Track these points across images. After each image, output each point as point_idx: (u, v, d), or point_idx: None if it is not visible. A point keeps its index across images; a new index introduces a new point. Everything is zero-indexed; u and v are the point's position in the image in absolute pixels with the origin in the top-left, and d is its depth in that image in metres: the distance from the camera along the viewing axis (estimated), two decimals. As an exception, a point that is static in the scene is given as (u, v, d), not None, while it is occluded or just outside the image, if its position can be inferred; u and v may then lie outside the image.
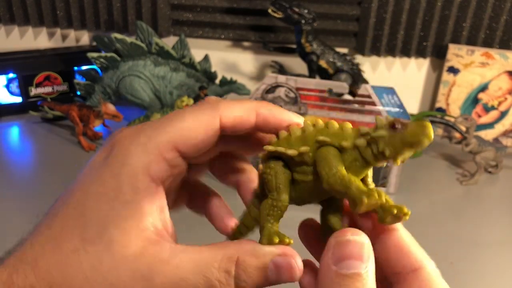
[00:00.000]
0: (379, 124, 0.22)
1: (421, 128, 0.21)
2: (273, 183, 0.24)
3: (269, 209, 0.24)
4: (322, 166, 0.23)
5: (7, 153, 0.89)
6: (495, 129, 1.00)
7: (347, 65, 0.96)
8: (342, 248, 0.21)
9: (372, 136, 0.22)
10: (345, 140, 0.23)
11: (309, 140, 0.24)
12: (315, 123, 0.25)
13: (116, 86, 0.96)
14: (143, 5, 1.02)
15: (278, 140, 0.25)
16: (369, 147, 0.23)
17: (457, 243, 0.69)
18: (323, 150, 0.23)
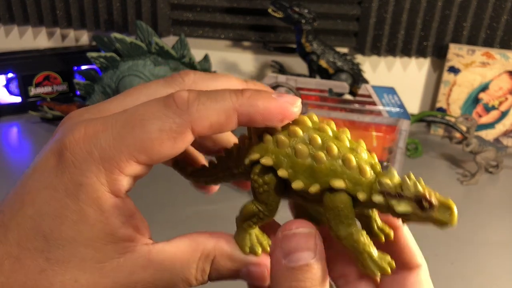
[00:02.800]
0: (406, 192, 0.20)
1: (449, 216, 0.20)
2: (263, 198, 0.22)
3: (251, 216, 0.23)
4: (335, 220, 0.21)
5: (6, 153, 0.89)
6: (495, 129, 0.99)
7: (348, 65, 0.96)
8: (289, 241, 0.20)
9: (392, 206, 0.20)
10: (362, 190, 0.21)
11: (320, 176, 0.21)
12: (326, 144, 0.21)
13: (116, 86, 0.96)
14: (143, 5, 1.02)
15: (278, 148, 0.22)
16: (384, 205, 0.21)
17: (457, 243, 0.69)
18: (336, 198, 0.21)
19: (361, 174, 0.21)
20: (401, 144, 0.75)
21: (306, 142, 0.21)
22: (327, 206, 0.21)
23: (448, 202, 0.20)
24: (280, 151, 0.22)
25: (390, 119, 0.75)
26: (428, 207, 0.20)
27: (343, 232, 0.21)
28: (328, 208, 0.21)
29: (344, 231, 0.21)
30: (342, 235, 0.21)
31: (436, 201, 0.20)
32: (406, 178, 0.20)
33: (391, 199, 0.20)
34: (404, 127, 0.74)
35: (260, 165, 0.22)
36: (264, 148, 0.22)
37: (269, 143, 0.22)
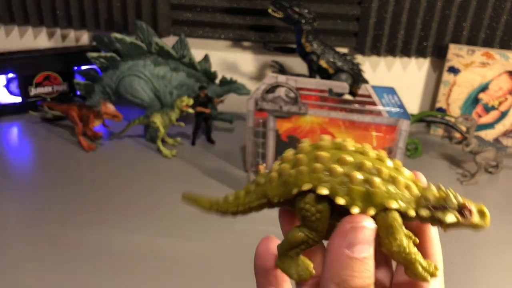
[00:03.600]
0: (450, 204, 0.22)
1: (484, 220, 0.22)
2: (315, 225, 0.23)
3: (300, 243, 0.23)
4: (386, 234, 0.22)
5: (6, 153, 0.89)
6: (495, 129, 0.99)
7: (347, 65, 0.96)
8: (357, 234, 0.21)
9: (439, 218, 0.22)
10: (411, 207, 0.22)
11: (375, 200, 0.22)
12: (376, 167, 0.23)
13: (116, 86, 0.96)
14: (143, 5, 1.02)
15: (330, 177, 0.23)
16: (429, 218, 0.23)
17: (457, 243, 0.69)
18: (389, 216, 0.22)
19: (409, 192, 0.23)
20: (401, 144, 0.75)
21: (357, 168, 0.23)
22: (380, 225, 0.22)
23: (483, 208, 0.23)
24: (335, 179, 0.22)
25: (390, 119, 0.75)
26: (469, 215, 0.22)
27: (396, 248, 0.22)
28: (382, 227, 0.22)
29: (396, 247, 0.22)
30: (395, 250, 0.22)
31: (475, 208, 0.22)
32: (449, 191, 0.23)
33: (437, 212, 0.22)
34: (404, 127, 0.74)
35: (313, 195, 0.23)
36: (316, 178, 0.23)
37: (320, 172, 0.23)
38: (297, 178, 0.23)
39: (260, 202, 0.25)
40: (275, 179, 0.25)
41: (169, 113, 0.89)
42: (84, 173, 0.84)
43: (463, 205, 0.22)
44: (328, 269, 0.21)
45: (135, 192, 0.78)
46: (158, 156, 0.89)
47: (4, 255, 0.63)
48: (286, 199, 0.24)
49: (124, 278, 0.60)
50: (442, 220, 0.22)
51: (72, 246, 0.65)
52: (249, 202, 0.26)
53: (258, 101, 0.78)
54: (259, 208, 0.26)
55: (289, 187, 0.24)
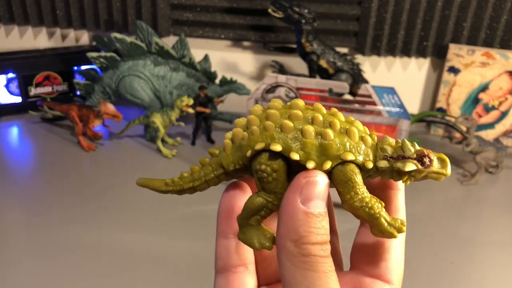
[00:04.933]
0: (407, 152, 0.22)
1: (445, 168, 0.22)
2: (272, 187, 0.22)
3: (259, 209, 0.22)
4: (347, 189, 0.22)
5: (6, 153, 0.89)
6: (495, 129, 0.99)
7: (347, 65, 0.96)
8: (312, 188, 0.21)
9: (398, 167, 0.22)
10: (369, 159, 0.22)
11: (331, 152, 0.21)
12: (328, 120, 0.22)
13: (116, 86, 0.96)
14: (143, 5, 1.02)
15: (283, 133, 0.22)
16: (389, 170, 0.22)
17: (457, 243, 0.69)
18: (347, 169, 0.21)
19: (364, 144, 0.22)
20: (401, 144, 0.75)
21: (309, 122, 0.22)
22: (339, 180, 0.22)
23: (442, 156, 0.22)
24: (287, 135, 0.22)
25: (390, 119, 0.75)
26: (429, 163, 0.22)
27: (358, 203, 0.21)
28: (341, 182, 0.22)
29: (358, 201, 0.21)
30: (357, 205, 0.22)
31: (434, 156, 0.22)
32: (404, 141, 0.22)
33: (396, 162, 0.22)
34: (404, 127, 0.74)
35: (266, 154, 0.22)
36: (268, 135, 0.22)
37: (272, 130, 0.22)
38: (249, 140, 0.22)
39: (216, 173, 0.24)
40: (229, 146, 0.24)
41: (169, 113, 0.89)
42: (84, 173, 0.84)
43: (421, 152, 0.22)
44: (284, 226, 0.21)
45: (135, 192, 0.78)
46: (158, 156, 0.89)
47: (4, 254, 0.63)
48: (242, 165, 0.23)
49: (124, 277, 0.60)
50: (402, 170, 0.21)
51: (72, 245, 0.65)
52: (204, 175, 0.25)
53: (258, 101, 0.78)
54: (216, 180, 0.25)
55: (242, 150, 0.23)
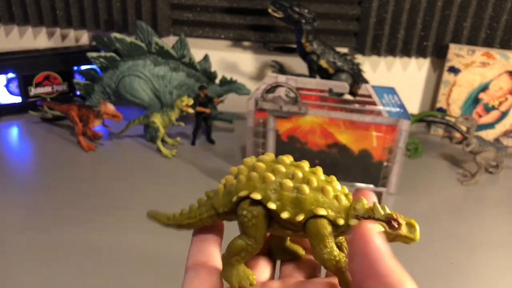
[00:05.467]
0: (377, 215, 0.23)
1: (413, 233, 0.23)
2: (252, 232, 0.24)
3: (240, 251, 0.25)
4: (317, 242, 0.23)
5: (6, 153, 0.89)
6: (495, 129, 0.99)
7: (348, 65, 0.96)
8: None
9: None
10: (341, 217, 0.24)
11: (304, 206, 0.24)
12: (307, 177, 0.24)
13: (115, 86, 0.96)
14: (143, 4, 1.02)
15: (264, 184, 0.24)
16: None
17: (457, 243, 0.69)
18: (318, 223, 0.23)
19: (338, 202, 0.24)
20: (401, 144, 0.75)
21: (289, 177, 0.24)
22: (311, 232, 0.24)
23: (412, 221, 0.23)
24: (268, 186, 0.24)
25: (390, 119, 0.75)
26: (397, 226, 0.23)
27: (327, 255, 0.23)
28: (313, 234, 0.23)
29: (327, 254, 0.23)
30: (326, 257, 0.23)
31: (403, 220, 0.23)
32: (376, 203, 0.23)
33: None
34: (404, 127, 0.74)
35: (249, 200, 0.24)
36: (252, 185, 0.24)
37: (255, 181, 0.25)
38: (236, 187, 0.25)
39: (209, 214, 0.27)
40: (221, 190, 0.27)
41: (169, 113, 0.89)
42: (84, 173, 0.84)
43: (391, 217, 0.23)
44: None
45: (135, 192, 0.78)
46: (158, 156, 0.89)
47: (4, 255, 0.63)
48: (230, 209, 0.26)
49: (124, 277, 0.60)
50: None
51: (72, 245, 0.65)
52: (199, 214, 0.28)
53: (258, 101, 0.78)
54: (208, 219, 0.27)
55: (231, 196, 0.26)
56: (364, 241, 0.21)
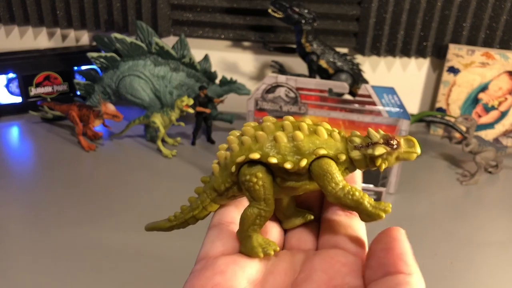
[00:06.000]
0: (374, 138, 0.24)
1: (413, 146, 0.23)
2: (261, 193, 0.24)
3: (254, 218, 0.24)
4: (327, 181, 0.23)
5: (7, 153, 0.89)
6: (495, 129, 1.00)
7: (347, 65, 0.96)
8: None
9: (370, 154, 0.23)
10: (340, 152, 0.24)
11: (303, 151, 0.23)
12: (296, 125, 0.24)
13: (116, 86, 0.96)
14: (143, 5, 1.02)
15: (258, 143, 0.24)
16: (362, 158, 0.24)
17: (457, 243, 0.69)
18: (323, 163, 0.23)
19: (334, 139, 0.24)
20: (401, 144, 0.75)
21: (280, 129, 0.24)
22: (318, 173, 0.23)
23: (408, 137, 0.24)
24: (262, 144, 0.24)
25: (390, 119, 0.75)
26: (396, 144, 0.23)
27: (340, 192, 0.23)
28: (320, 176, 0.23)
29: (341, 191, 0.23)
30: (339, 194, 0.23)
31: (401, 138, 0.23)
32: (369, 129, 0.24)
33: (366, 149, 0.24)
34: (404, 127, 0.75)
35: (247, 164, 0.24)
36: (246, 148, 0.24)
37: (248, 143, 0.24)
38: (231, 156, 0.25)
39: (211, 197, 0.27)
40: (216, 169, 0.26)
41: (169, 113, 0.89)
42: (84, 173, 0.84)
43: (387, 136, 0.23)
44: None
45: (135, 192, 0.78)
46: (158, 156, 0.89)
47: (4, 254, 0.63)
48: (231, 182, 0.25)
49: (124, 277, 0.60)
50: (373, 154, 0.23)
51: (72, 245, 0.65)
52: (201, 202, 0.27)
53: (258, 101, 0.78)
54: (212, 204, 0.27)
55: (228, 168, 0.25)
56: (393, 239, 0.22)
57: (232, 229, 0.26)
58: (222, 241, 0.25)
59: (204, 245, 0.25)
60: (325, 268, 0.23)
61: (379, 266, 0.21)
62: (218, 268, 0.23)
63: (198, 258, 0.25)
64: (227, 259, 0.24)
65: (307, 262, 0.24)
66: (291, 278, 0.24)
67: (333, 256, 0.24)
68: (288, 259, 0.25)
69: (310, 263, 0.24)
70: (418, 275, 0.21)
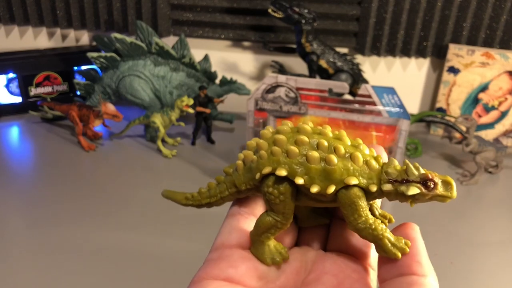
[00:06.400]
0: (411, 176, 0.22)
1: (450, 191, 0.22)
2: (280, 208, 0.23)
3: (269, 228, 0.24)
4: (350, 212, 0.22)
5: (7, 153, 0.89)
6: (495, 129, 1.00)
7: (347, 65, 0.96)
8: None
9: (402, 191, 0.22)
10: (373, 183, 0.23)
11: (334, 177, 0.22)
12: (333, 145, 0.23)
13: (116, 86, 0.96)
14: (143, 5, 1.02)
15: (288, 158, 0.23)
16: (393, 193, 0.23)
17: (457, 243, 0.69)
18: (351, 193, 0.22)
19: (369, 168, 0.23)
20: (401, 144, 0.75)
21: (315, 148, 0.23)
22: (343, 203, 0.22)
23: (448, 178, 0.22)
24: (292, 160, 0.23)
25: (390, 119, 0.75)
26: (433, 186, 0.22)
27: (362, 224, 0.22)
28: (345, 205, 0.22)
29: (362, 223, 0.22)
30: (361, 227, 0.22)
31: (438, 179, 0.22)
32: (408, 164, 0.23)
33: (400, 185, 0.22)
34: (404, 127, 0.75)
35: (273, 177, 0.23)
36: (275, 160, 0.23)
37: (278, 155, 0.23)
38: (258, 163, 0.24)
39: (230, 191, 0.26)
40: (241, 167, 0.25)
41: (169, 113, 0.89)
42: (84, 173, 0.84)
43: (425, 176, 0.22)
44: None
45: (135, 192, 0.78)
46: (158, 156, 0.89)
47: (4, 254, 0.63)
48: (253, 185, 0.25)
49: (124, 277, 0.60)
50: (405, 193, 0.22)
51: (72, 245, 0.65)
52: (220, 192, 0.27)
53: (258, 101, 0.78)
54: (230, 197, 0.26)
55: (252, 173, 0.24)
56: (408, 239, 0.22)
57: (250, 221, 0.26)
58: (239, 234, 0.25)
59: (221, 234, 0.25)
60: (336, 273, 0.23)
61: (393, 266, 0.21)
62: (234, 262, 0.24)
63: (214, 247, 0.25)
64: (242, 254, 0.24)
65: (318, 262, 0.24)
66: (302, 277, 0.24)
67: (344, 261, 0.24)
68: (300, 258, 0.25)
69: (322, 264, 0.24)
70: (433, 277, 0.21)
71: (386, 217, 0.25)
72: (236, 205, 0.27)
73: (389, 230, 0.23)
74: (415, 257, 0.21)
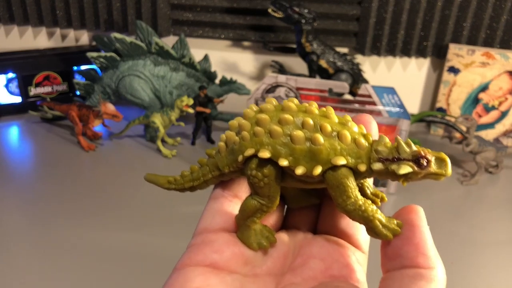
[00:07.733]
0: (403, 154, 0.21)
1: (444, 168, 0.21)
2: (265, 191, 0.22)
3: (254, 212, 0.23)
4: (339, 193, 0.21)
5: (6, 153, 0.89)
6: (495, 129, 0.99)
7: (347, 65, 0.96)
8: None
9: (393, 170, 0.21)
10: (362, 162, 0.21)
11: (320, 157, 0.21)
12: (319, 123, 0.21)
13: (115, 86, 0.96)
14: (143, 4, 1.02)
15: (272, 139, 0.22)
16: (384, 172, 0.21)
17: (457, 243, 0.69)
18: (338, 174, 0.21)
19: (357, 146, 0.21)
20: (401, 144, 0.75)
21: (299, 127, 0.21)
22: (331, 184, 0.21)
23: (441, 155, 0.21)
24: (276, 141, 0.21)
25: (390, 119, 0.75)
26: (426, 164, 0.21)
27: (351, 206, 0.21)
28: (333, 186, 0.21)
29: (351, 205, 0.21)
30: (350, 208, 0.21)
31: (431, 156, 0.21)
32: (400, 141, 0.21)
33: (391, 164, 0.21)
34: (404, 127, 0.74)
35: (256, 159, 0.22)
36: (258, 141, 0.22)
37: (261, 136, 0.22)
38: (240, 145, 0.23)
39: (214, 174, 0.25)
40: (223, 148, 0.24)
41: (169, 113, 0.89)
42: (84, 173, 0.84)
43: (419, 154, 0.20)
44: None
45: (135, 192, 0.78)
46: (158, 156, 0.89)
47: (3, 255, 0.63)
48: (236, 168, 0.24)
49: (124, 277, 0.60)
50: (395, 173, 0.21)
51: (72, 245, 0.65)
52: (203, 175, 0.25)
53: (258, 101, 0.78)
54: (214, 180, 0.25)
55: (235, 155, 0.23)
56: (411, 226, 0.21)
57: (235, 204, 0.25)
58: (223, 217, 0.24)
59: (204, 218, 0.24)
60: (323, 257, 0.23)
61: (397, 256, 0.20)
62: (218, 247, 0.23)
63: (197, 232, 0.24)
64: (227, 238, 0.23)
65: (305, 246, 0.23)
66: (290, 261, 0.23)
67: (332, 245, 0.23)
68: (287, 241, 0.24)
69: (309, 248, 0.23)
70: (440, 268, 0.19)
71: (378, 196, 0.24)
72: (219, 188, 0.25)
73: (392, 215, 0.22)
74: (419, 248, 0.20)
